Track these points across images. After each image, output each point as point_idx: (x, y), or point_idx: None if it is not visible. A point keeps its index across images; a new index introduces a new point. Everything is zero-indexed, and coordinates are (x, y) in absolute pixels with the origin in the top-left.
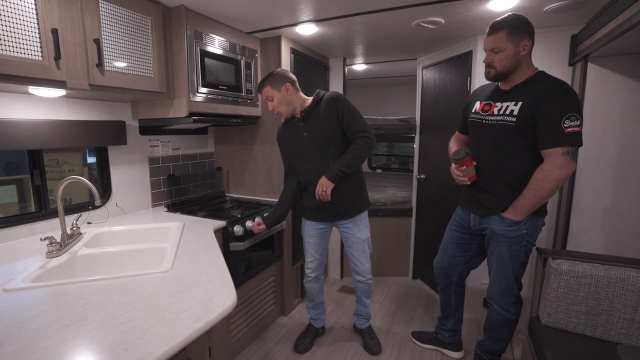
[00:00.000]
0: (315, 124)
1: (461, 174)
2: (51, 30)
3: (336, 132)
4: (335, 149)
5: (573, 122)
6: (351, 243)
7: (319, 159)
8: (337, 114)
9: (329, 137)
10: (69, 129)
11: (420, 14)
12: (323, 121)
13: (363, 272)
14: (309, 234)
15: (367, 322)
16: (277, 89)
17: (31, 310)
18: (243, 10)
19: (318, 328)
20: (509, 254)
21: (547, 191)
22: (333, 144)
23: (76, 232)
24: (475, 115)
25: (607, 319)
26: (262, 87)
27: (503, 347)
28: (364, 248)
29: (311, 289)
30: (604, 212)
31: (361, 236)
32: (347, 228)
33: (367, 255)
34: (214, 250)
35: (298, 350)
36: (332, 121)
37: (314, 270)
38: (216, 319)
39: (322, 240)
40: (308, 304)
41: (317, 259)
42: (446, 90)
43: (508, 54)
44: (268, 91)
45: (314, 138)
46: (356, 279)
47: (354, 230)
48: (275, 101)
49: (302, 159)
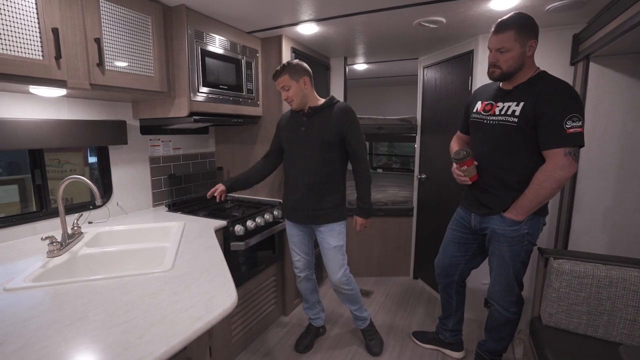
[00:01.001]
0: (317, 124)
1: (462, 174)
2: (52, 30)
3: (333, 140)
4: (325, 154)
5: (575, 123)
6: (323, 249)
7: (307, 156)
8: (344, 125)
9: (325, 141)
10: (70, 129)
11: (421, 13)
12: (326, 124)
13: (334, 281)
14: (291, 233)
15: (364, 323)
16: (296, 80)
17: (32, 309)
18: (244, 9)
19: (318, 327)
20: (509, 253)
21: (549, 192)
22: (324, 149)
23: (77, 232)
24: (476, 115)
25: (609, 320)
26: (280, 75)
27: (504, 347)
28: (334, 255)
29: (304, 289)
30: (605, 212)
31: (332, 242)
32: (320, 232)
33: (339, 263)
34: (214, 249)
35: (298, 350)
36: (335, 128)
37: (302, 270)
38: (217, 319)
39: (305, 239)
40: (304, 304)
41: (303, 258)
42: (447, 90)
43: (515, 55)
44: (285, 80)
45: (311, 136)
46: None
47: (326, 235)
48: (291, 92)
49: (293, 151)
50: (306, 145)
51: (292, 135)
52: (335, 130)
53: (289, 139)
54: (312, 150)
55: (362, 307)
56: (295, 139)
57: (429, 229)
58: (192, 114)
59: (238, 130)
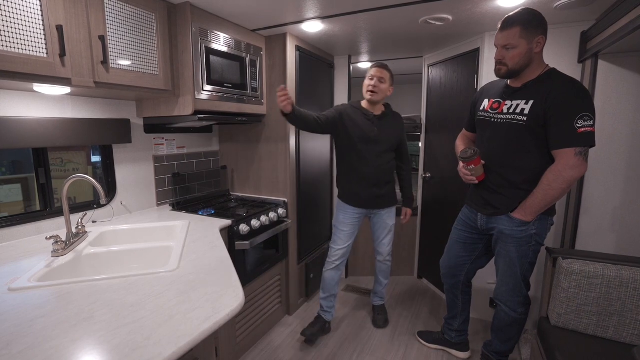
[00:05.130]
0: (386, 128)
1: (469, 173)
2: (56, 27)
3: (394, 144)
4: (387, 155)
5: (586, 122)
6: (380, 227)
7: (375, 154)
8: (403, 131)
9: (392, 144)
10: (74, 127)
11: (428, 10)
12: (393, 130)
13: (383, 252)
14: (344, 223)
15: (380, 301)
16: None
17: (37, 309)
18: (249, 7)
19: (326, 322)
20: (517, 254)
21: (558, 192)
22: (389, 150)
23: (81, 231)
24: (483, 114)
25: (619, 320)
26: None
27: (511, 348)
28: (390, 231)
29: (330, 277)
30: (614, 212)
31: (390, 222)
32: (380, 215)
33: (390, 240)
34: (220, 249)
35: (305, 334)
36: (398, 134)
37: (339, 258)
38: (224, 319)
39: (355, 229)
40: (322, 294)
41: (344, 248)
42: (452, 89)
43: (521, 51)
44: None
45: (382, 136)
46: (377, 259)
47: (385, 217)
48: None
49: (365, 146)
50: (377, 143)
51: (364, 132)
52: (398, 135)
53: (361, 135)
54: (380, 149)
55: (386, 288)
56: (367, 137)
57: (434, 228)
58: (196, 113)
59: (242, 129)
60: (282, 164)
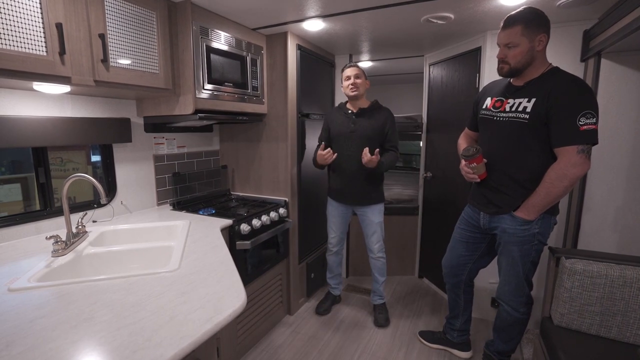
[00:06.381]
0: (364, 123)
1: (471, 171)
2: (55, 25)
3: (373, 137)
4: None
5: (589, 120)
6: (367, 225)
7: (353, 148)
8: (386, 124)
9: (370, 137)
10: (74, 126)
11: (429, 9)
12: (370, 123)
13: (373, 249)
14: (333, 214)
15: (380, 300)
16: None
17: (37, 310)
18: (249, 5)
19: (335, 296)
20: (519, 253)
21: (561, 190)
22: (367, 144)
23: (81, 231)
24: (486, 112)
25: (623, 320)
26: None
27: (513, 348)
28: (375, 229)
29: (332, 261)
30: (616, 211)
31: (374, 219)
32: (363, 212)
33: (378, 236)
34: (221, 248)
35: (319, 312)
36: (379, 127)
37: (335, 245)
38: (226, 320)
39: (344, 220)
40: (328, 274)
41: (338, 235)
42: (454, 88)
43: (523, 50)
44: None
45: (358, 131)
46: (370, 256)
47: (369, 214)
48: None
49: (344, 142)
50: (354, 139)
51: (343, 129)
52: (380, 127)
53: (340, 133)
54: (357, 144)
55: (384, 286)
56: (345, 133)
57: (435, 227)
58: (197, 112)
59: (243, 128)
60: (283, 163)
